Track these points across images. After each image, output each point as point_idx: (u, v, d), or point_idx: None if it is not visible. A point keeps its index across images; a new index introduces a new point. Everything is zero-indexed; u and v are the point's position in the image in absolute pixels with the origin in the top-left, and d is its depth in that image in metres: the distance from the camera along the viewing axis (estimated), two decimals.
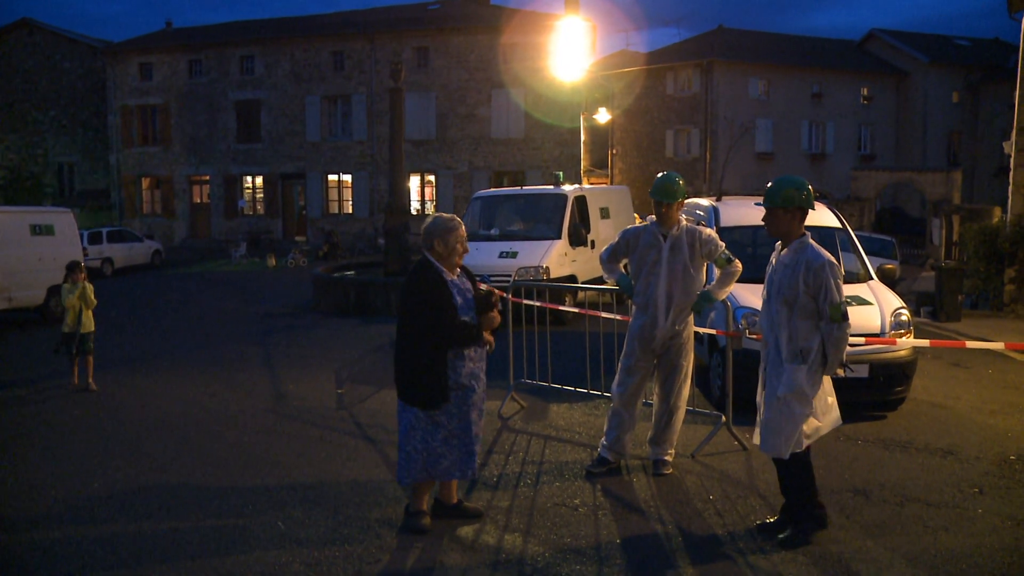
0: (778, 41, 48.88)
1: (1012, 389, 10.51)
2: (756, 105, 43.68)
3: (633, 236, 7.14)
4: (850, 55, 49.66)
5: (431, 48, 38.29)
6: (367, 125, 39.04)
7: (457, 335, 5.60)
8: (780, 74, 44.48)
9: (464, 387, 5.72)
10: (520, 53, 36.92)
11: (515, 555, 5.51)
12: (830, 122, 45.99)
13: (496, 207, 17.32)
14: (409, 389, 5.68)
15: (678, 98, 44.38)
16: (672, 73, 44.72)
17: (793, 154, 44.54)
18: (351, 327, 15.72)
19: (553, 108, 36.32)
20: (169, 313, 19.33)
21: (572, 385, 9.11)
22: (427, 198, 39.20)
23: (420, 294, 5.64)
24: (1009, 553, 5.53)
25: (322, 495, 6.64)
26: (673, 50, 47.89)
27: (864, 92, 47.52)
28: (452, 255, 5.75)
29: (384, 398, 9.96)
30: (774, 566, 5.32)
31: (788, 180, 5.69)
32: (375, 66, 38.34)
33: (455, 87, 38.08)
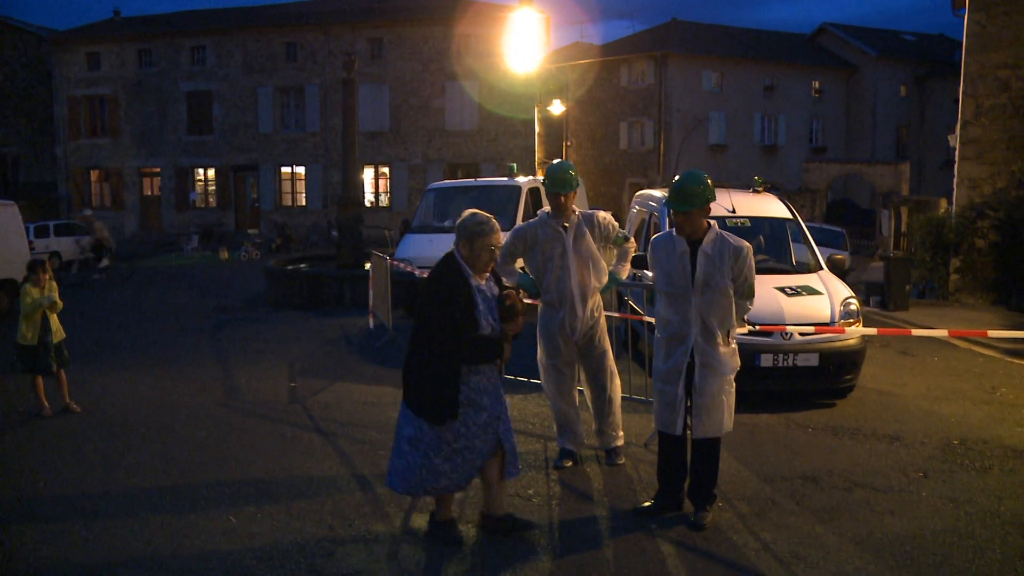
0: (731, 34, 49.26)
1: (956, 376, 10.73)
2: (709, 97, 43.99)
3: (529, 233, 6.92)
4: (802, 49, 50.21)
5: (385, 39, 38.08)
6: (320, 117, 38.75)
7: (475, 350, 5.13)
8: (733, 67, 44.84)
9: (475, 404, 5.23)
10: (474, 45, 36.87)
11: (469, 546, 5.51)
12: (782, 115, 46.46)
13: (450, 199, 17.29)
14: (417, 398, 5.22)
15: (632, 90, 44.55)
16: (626, 65, 44.88)
17: (746, 146, 44.96)
18: (304, 320, 15.61)
19: (507, 100, 36.32)
20: (118, 308, 19.05)
21: (525, 376, 9.13)
22: (381, 190, 39.02)
23: (440, 296, 5.13)
24: (951, 535, 5.67)
25: (274, 489, 6.59)
26: (627, 42, 48.08)
27: (815, 85, 48.09)
28: (476, 262, 5.24)
29: (337, 391, 9.91)
30: (724, 553, 5.39)
31: (695, 178, 5.79)
32: (328, 57, 38.04)
33: (409, 79, 37.91)
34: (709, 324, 5.74)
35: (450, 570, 5.19)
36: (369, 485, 6.66)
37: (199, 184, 40.96)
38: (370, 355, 12.10)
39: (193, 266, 30.18)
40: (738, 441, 7.70)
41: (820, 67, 48.43)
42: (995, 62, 17.56)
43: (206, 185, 40.94)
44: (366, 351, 12.42)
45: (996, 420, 8.60)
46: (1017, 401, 9.41)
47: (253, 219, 40.29)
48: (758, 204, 10.61)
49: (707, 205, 5.76)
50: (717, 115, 44.13)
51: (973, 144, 17.97)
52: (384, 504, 6.25)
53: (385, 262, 13.34)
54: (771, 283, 9.25)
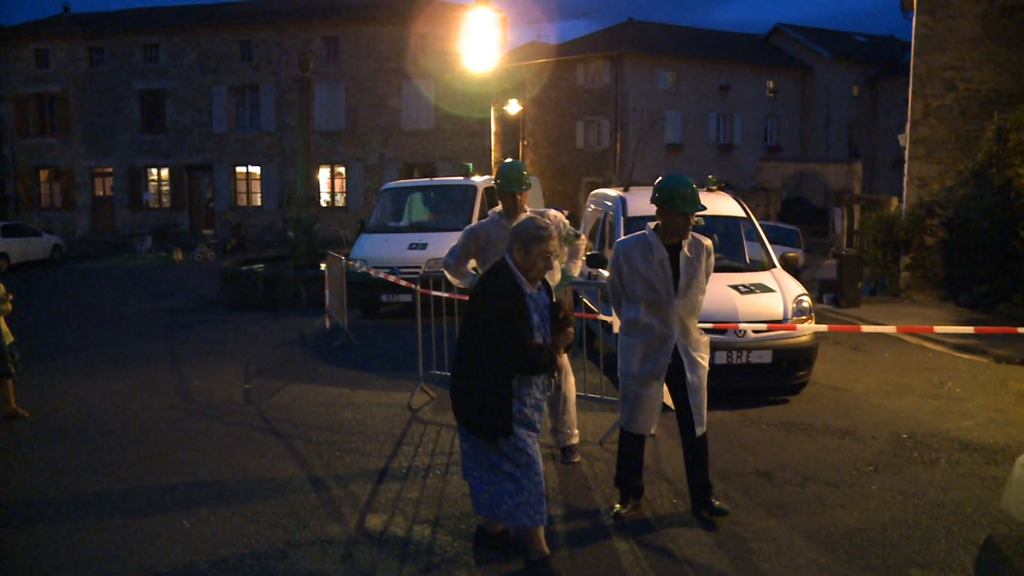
0: (687, 34, 49.64)
1: (906, 371, 10.92)
2: (665, 97, 44.28)
3: (482, 233, 6.93)
4: (756, 49, 50.73)
5: (340, 38, 37.87)
6: (275, 116, 38.45)
7: (530, 361, 4.81)
8: (689, 67, 45.17)
9: (527, 421, 4.97)
10: (431, 44, 36.79)
11: (423, 545, 5.52)
12: (737, 114, 46.90)
13: (405, 198, 17.26)
14: (466, 413, 4.98)
15: (588, 89, 44.72)
16: (583, 65, 45.04)
17: (701, 145, 45.32)
18: (259, 321, 15.49)
19: (464, 99, 36.29)
20: (70, 310, 18.77)
21: None
22: (337, 190, 38.81)
23: (493, 305, 4.84)
24: (899, 526, 5.78)
25: (228, 492, 6.54)
26: (583, 42, 48.27)
27: (770, 85, 48.61)
28: (530, 269, 4.96)
29: (293, 392, 9.85)
30: (680, 548, 5.44)
31: (687, 180, 5.82)
32: (283, 56, 37.75)
33: (365, 78, 37.74)
34: (688, 324, 5.76)
35: (405, 570, 5.19)
36: (324, 486, 6.63)
37: (152, 184, 40.44)
38: (326, 356, 12.04)
39: (147, 267, 29.81)
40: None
41: (774, 67, 48.96)
42: (941, 63, 17.88)
43: (160, 185, 40.43)
44: (322, 352, 12.36)
45: (943, 414, 8.76)
46: (964, 395, 9.60)
47: (208, 219, 39.88)
48: (712, 203, 10.68)
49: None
50: (673, 114, 44.44)
51: (922, 143, 18.28)
52: (339, 505, 6.23)
53: (340, 262, 13.28)
54: (725, 281, 9.34)
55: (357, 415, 8.73)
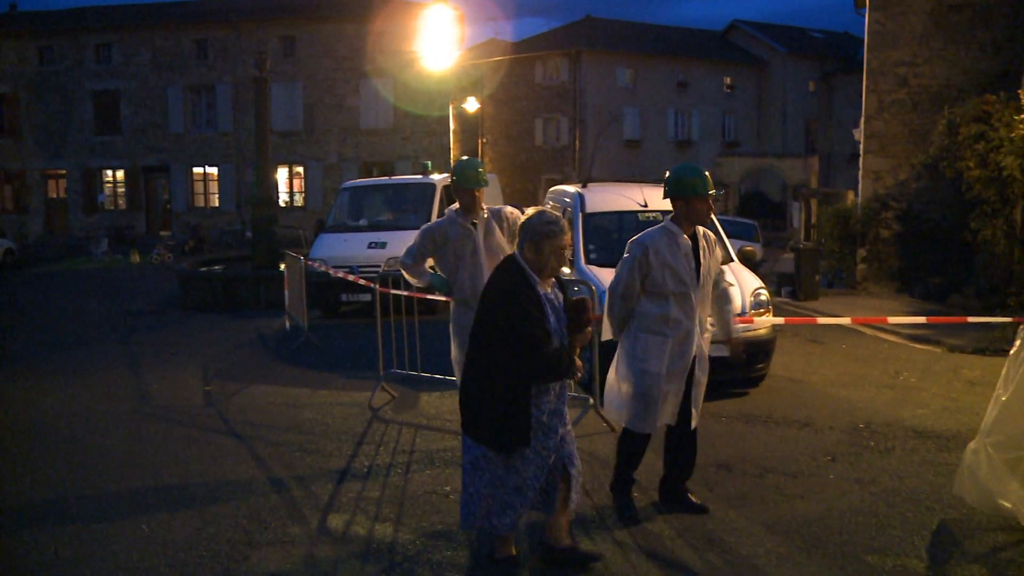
0: (644, 31, 49.87)
1: (862, 362, 11.08)
2: (624, 93, 44.48)
3: (439, 232, 6.86)
4: (713, 45, 51.10)
5: (298, 37, 37.62)
6: (233, 116, 38.10)
7: (547, 366, 4.49)
8: (647, 63, 45.41)
9: (545, 427, 4.67)
10: (388, 42, 36.65)
11: (385, 544, 5.51)
12: (695, 110, 47.22)
13: (364, 197, 17.22)
14: (478, 425, 4.66)
15: (547, 87, 44.80)
16: (541, 62, 45.12)
17: (660, 141, 45.57)
18: (219, 323, 15.37)
19: (422, 98, 36.21)
20: (23, 314, 18.46)
21: (442, 373, 9.13)
22: (296, 190, 38.57)
23: (504, 307, 4.51)
24: (856, 514, 5.88)
25: (188, 495, 6.49)
26: (541, 39, 48.33)
27: (727, 81, 48.99)
28: (543, 267, 4.65)
29: (253, 393, 9.79)
30: (641, 540, 5.48)
31: (698, 167, 5.86)
32: (240, 55, 37.41)
33: (323, 77, 37.53)
34: (703, 316, 5.76)
35: (367, 569, 5.18)
36: (285, 487, 6.60)
37: (107, 186, 39.91)
38: (286, 356, 11.97)
39: (103, 270, 29.42)
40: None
41: (731, 63, 49.35)
42: (894, 59, 18.15)
43: (115, 187, 39.91)
44: (282, 352, 12.29)
45: (899, 403, 8.91)
46: (918, 384, 9.77)
47: (165, 221, 39.44)
48: None
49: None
50: (631, 111, 44.66)
51: (876, 138, 18.56)
52: (300, 506, 6.21)
53: (299, 262, 13.22)
54: None
55: (318, 415, 8.70)
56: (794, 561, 5.19)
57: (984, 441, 5.59)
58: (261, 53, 19.76)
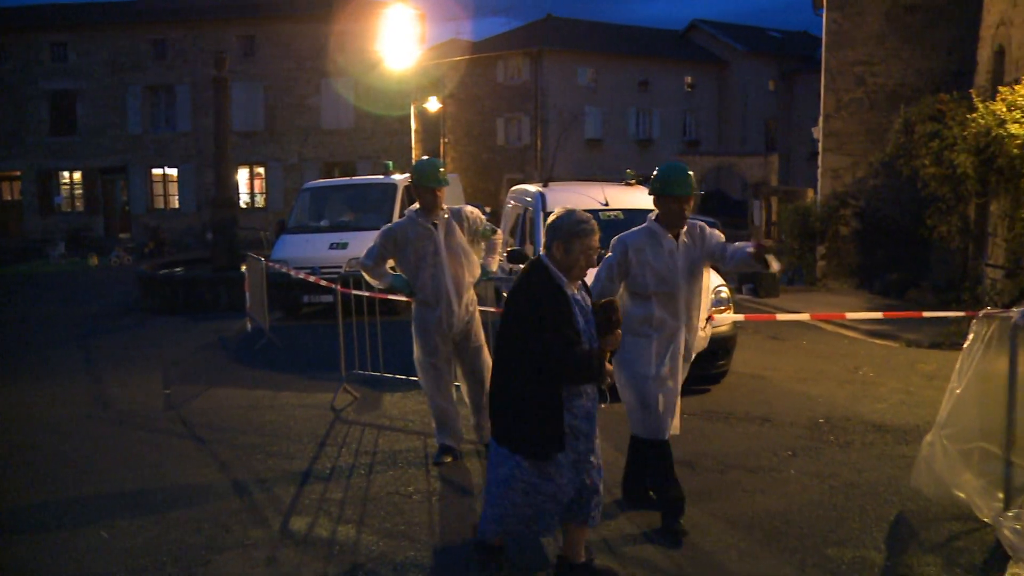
0: (606, 31, 50.03)
1: (822, 358, 11.21)
2: (585, 93, 44.60)
3: (399, 232, 6.85)
4: (674, 45, 51.35)
5: (258, 37, 37.30)
6: (192, 117, 37.66)
7: (578, 368, 4.36)
8: (608, 63, 45.56)
9: (577, 431, 4.53)
10: (349, 42, 36.45)
11: (349, 546, 5.50)
12: (656, 109, 47.44)
13: (325, 198, 17.13)
14: (512, 432, 4.49)
15: (508, 86, 44.82)
16: (502, 62, 45.12)
17: (621, 140, 45.74)
18: (179, 325, 15.21)
19: (383, 97, 36.06)
20: None
21: (404, 374, 9.11)
22: (257, 191, 38.27)
23: (534, 310, 4.38)
24: (816, 508, 5.96)
25: (149, 500, 6.42)
26: (503, 39, 48.33)
27: (688, 80, 49.25)
28: (573, 268, 4.49)
29: (214, 396, 9.71)
30: (604, 539, 5.51)
31: (679, 166, 5.76)
32: (199, 56, 36.96)
33: (283, 77, 37.24)
34: (692, 316, 5.65)
35: (330, 571, 5.17)
36: (247, 490, 6.56)
37: (64, 187, 39.29)
38: (247, 358, 11.89)
39: (60, 273, 28.97)
40: (615, 429, 7.86)
41: (692, 62, 49.62)
42: (851, 59, 18.40)
43: (72, 188, 39.28)
44: (243, 355, 12.20)
45: (858, 398, 9.03)
46: (877, 379, 9.90)
47: (124, 223, 38.89)
48: (631, 197, 10.84)
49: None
50: (593, 110, 44.79)
51: (834, 136, 18.80)
52: (262, 508, 6.18)
53: (260, 264, 13.13)
54: None
55: (280, 417, 8.65)
56: (755, 555, 5.25)
57: (939, 434, 5.69)
58: (220, 53, 19.60)
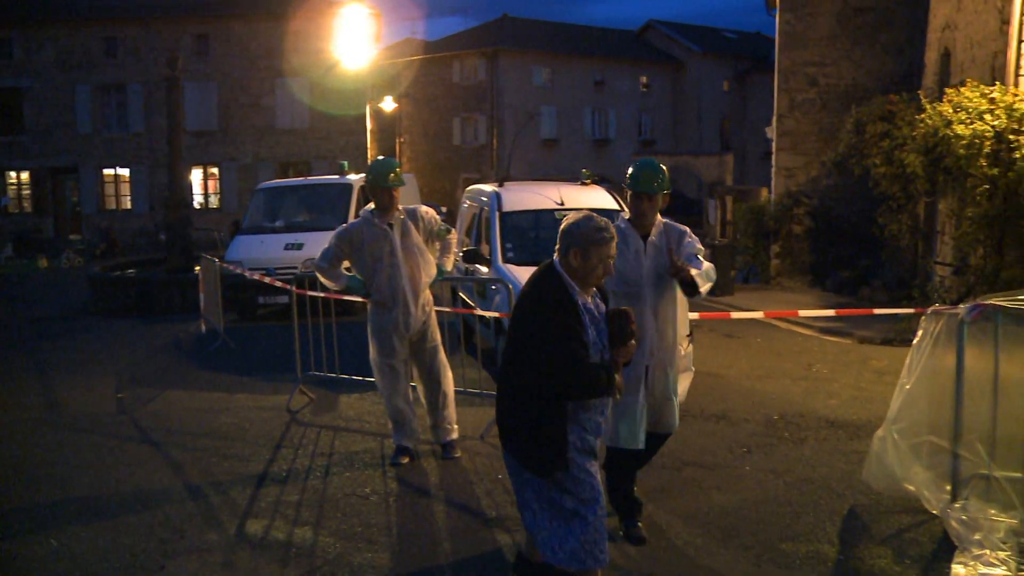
0: (561, 31, 50.17)
1: (777, 355, 11.34)
2: (541, 93, 44.69)
3: (355, 233, 6.83)
4: (629, 45, 51.63)
5: (211, 35, 36.88)
6: (144, 116, 37.13)
7: (587, 385, 4.03)
8: (563, 63, 45.70)
9: (587, 448, 4.20)
10: (304, 42, 36.18)
11: (306, 548, 5.47)
12: (612, 109, 47.67)
13: (280, 198, 17.02)
14: (518, 445, 4.18)
15: (464, 86, 44.79)
16: (458, 61, 45.08)
17: (577, 140, 45.91)
18: (132, 328, 15.00)
19: (339, 97, 35.83)
20: None
21: (361, 375, 9.07)
22: (211, 191, 37.87)
23: (541, 320, 4.07)
24: (771, 503, 6.05)
25: (100, 506, 6.33)
26: (458, 39, 48.27)
27: (643, 80, 49.56)
28: (588, 276, 4.18)
29: (168, 399, 9.59)
30: None
31: (654, 164, 5.54)
32: (151, 54, 36.43)
33: (238, 76, 36.87)
34: (663, 325, 5.38)
35: (288, 574, 5.13)
36: (201, 494, 6.49)
37: (11, 188, 38.55)
38: (202, 361, 11.77)
39: (8, 276, 28.43)
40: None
41: (647, 63, 49.94)
42: (804, 59, 18.64)
43: (19, 189, 38.55)
44: (198, 357, 12.07)
45: (811, 394, 9.15)
46: (830, 376, 10.04)
47: (75, 224, 38.23)
48: (586, 196, 10.89)
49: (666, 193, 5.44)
50: (548, 110, 44.90)
51: (788, 136, 19.02)
52: (218, 512, 6.12)
53: (215, 265, 13.00)
54: None
55: (235, 420, 8.57)
56: (712, 551, 5.30)
57: (890, 428, 5.79)
58: (173, 52, 19.46)
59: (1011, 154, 10.39)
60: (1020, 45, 11.01)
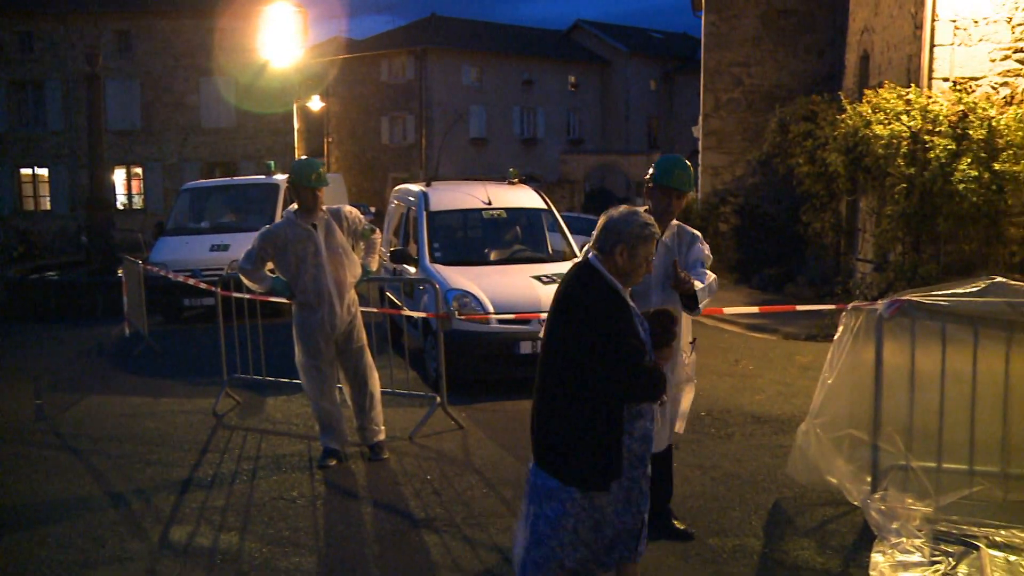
0: (490, 30, 50.20)
1: (704, 352, 11.35)
2: (469, 92, 44.67)
3: (279, 234, 6.77)
4: (558, 44, 51.86)
5: (133, 32, 36.08)
6: (64, 114, 36.16)
7: (648, 384, 3.82)
8: (492, 62, 45.73)
9: (635, 455, 3.94)
10: (230, 39, 35.61)
11: (231, 554, 5.38)
12: (540, 108, 47.83)
13: (206, 199, 16.75)
14: (566, 460, 3.85)
15: (393, 85, 44.57)
16: (386, 60, 44.82)
17: (506, 139, 45.99)
18: (52, 332, 14.60)
19: (265, 96, 35.36)
20: None
21: (288, 377, 8.95)
22: (135, 192, 37.07)
23: (593, 320, 3.77)
24: (698, 499, 6.13)
25: (16, 517, 6.14)
26: (387, 37, 48.00)
27: (572, 80, 49.81)
28: (633, 274, 3.94)
29: (90, 405, 9.36)
30: (489, 537, 5.53)
31: (675, 157, 5.34)
32: (70, 50, 35.50)
33: (161, 74, 36.13)
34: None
35: None
36: (124, 501, 6.34)
37: None
38: (126, 365, 11.51)
39: None
40: (500, 427, 7.94)
41: (576, 62, 50.21)
42: (729, 60, 18.94)
43: None
44: (121, 361, 11.81)
45: (738, 390, 9.29)
46: (756, 371, 10.20)
47: None
48: (513, 196, 10.92)
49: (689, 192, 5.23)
50: (477, 109, 44.89)
51: (714, 135, 19.31)
52: (140, 520, 5.99)
53: (138, 267, 12.73)
54: (528, 272, 9.57)
55: (160, 424, 8.40)
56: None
57: (813, 423, 5.91)
58: (92, 48, 19.02)
59: (926, 154, 10.68)
60: (932, 49, 11.31)
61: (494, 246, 10.61)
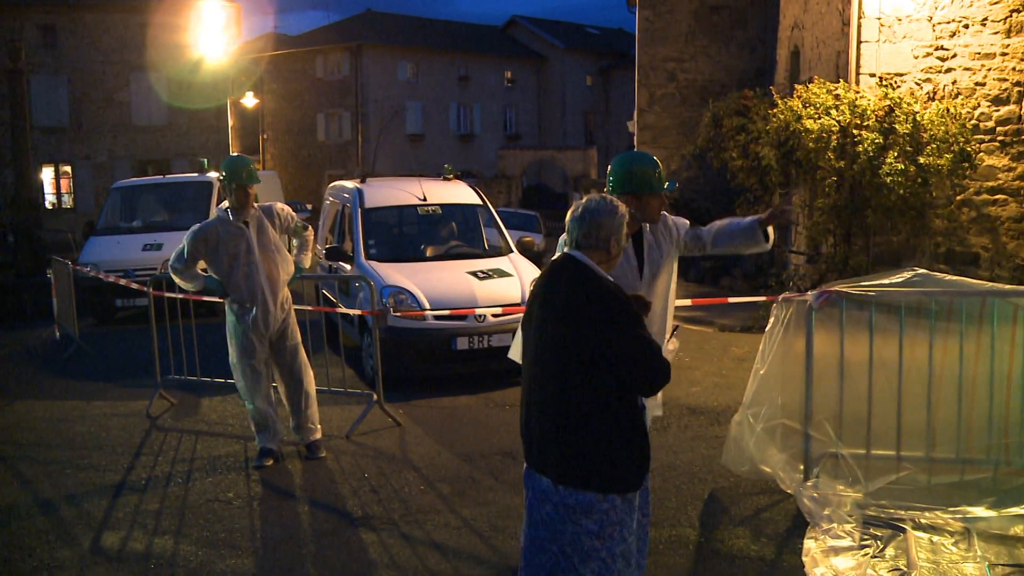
0: (426, 25, 50.04)
1: None
2: (406, 88, 44.48)
3: (210, 232, 6.68)
4: (494, 40, 51.88)
5: (59, 26, 35.22)
6: None
7: (664, 370, 3.58)
8: (428, 58, 45.59)
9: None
10: (161, 35, 34.96)
11: (166, 558, 5.30)
12: (477, 104, 47.82)
13: (137, 198, 16.43)
14: (604, 468, 3.56)
15: (328, 81, 44.19)
16: (322, 56, 44.42)
17: (443, 135, 45.90)
18: None
19: (198, 93, 34.81)
20: None
21: (223, 377, 8.83)
22: (64, 191, 36.23)
23: (604, 313, 3.56)
24: None
25: None
26: (321, 33, 47.59)
27: (508, 75, 49.88)
28: (612, 263, 3.84)
29: (17, 410, 9.11)
30: (427, 534, 5.52)
31: (650, 157, 5.06)
32: None
33: (90, 70, 35.34)
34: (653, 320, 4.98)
35: None
36: (53, 508, 6.19)
37: None
38: (56, 368, 11.24)
39: None
40: (438, 423, 7.93)
41: (512, 58, 50.30)
42: (663, 55, 19.12)
43: None
44: (51, 364, 11.53)
45: (674, 383, 9.17)
46: (692, 364, 10.31)
47: None
48: (449, 192, 10.91)
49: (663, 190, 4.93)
50: (413, 105, 44.71)
51: (649, 130, 19.49)
52: (70, 526, 5.86)
53: (67, 268, 12.44)
54: (463, 268, 9.58)
55: (91, 428, 8.23)
56: None
57: (746, 413, 6.00)
58: (14, 43, 18.50)
59: (855, 148, 10.88)
60: (859, 46, 11.53)
61: (430, 242, 10.59)
